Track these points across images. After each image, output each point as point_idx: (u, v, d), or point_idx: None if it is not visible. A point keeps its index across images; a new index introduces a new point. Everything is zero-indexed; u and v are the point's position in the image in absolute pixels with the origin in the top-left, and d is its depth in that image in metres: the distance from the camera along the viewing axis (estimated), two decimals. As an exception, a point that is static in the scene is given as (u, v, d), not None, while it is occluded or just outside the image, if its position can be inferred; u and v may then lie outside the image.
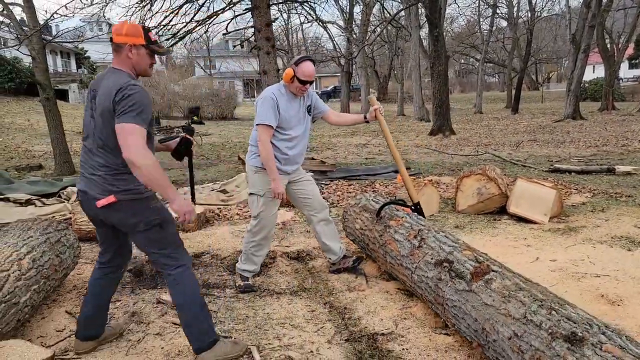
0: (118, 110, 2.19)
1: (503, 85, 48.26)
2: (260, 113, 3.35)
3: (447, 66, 16.55)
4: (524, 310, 2.10)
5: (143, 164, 2.16)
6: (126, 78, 2.29)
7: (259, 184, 3.45)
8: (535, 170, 8.22)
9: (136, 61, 2.37)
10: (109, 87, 2.25)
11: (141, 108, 2.21)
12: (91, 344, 2.61)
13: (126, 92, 2.20)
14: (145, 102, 2.24)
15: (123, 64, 2.37)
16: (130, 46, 2.33)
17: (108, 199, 2.29)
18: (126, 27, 2.36)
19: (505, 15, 32.49)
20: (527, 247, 4.20)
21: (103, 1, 8.96)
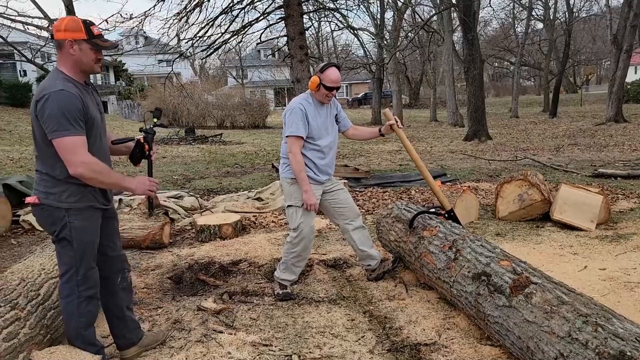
0: (44, 125, 2.14)
1: (539, 89, 47.15)
2: (290, 124, 3.34)
3: (482, 70, 16.27)
4: (568, 328, 2.00)
5: (89, 177, 2.18)
6: (51, 81, 2.19)
7: (296, 195, 3.42)
8: (577, 175, 7.95)
9: (78, 57, 2.23)
10: (36, 93, 2.19)
11: (66, 114, 2.12)
12: (134, 350, 2.64)
13: (43, 105, 2.13)
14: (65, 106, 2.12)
15: (64, 62, 2.24)
16: (70, 42, 2.19)
17: (32, 198, 2.26)
18: (65, 22, 2.23)
19: (541, 16, 31.77)
20: (574, 256, 4.05)
21: (142, 15, 9.21)
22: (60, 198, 2.23)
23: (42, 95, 2.13)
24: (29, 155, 13.51)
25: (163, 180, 9.23)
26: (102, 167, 2.23)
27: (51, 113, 2.10)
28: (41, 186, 2.25)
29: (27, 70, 26.14)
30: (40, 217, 2.31)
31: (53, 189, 2.23)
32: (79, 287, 2.31)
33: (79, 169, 2.14)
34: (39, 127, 2.17)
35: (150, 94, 29.53)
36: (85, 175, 2.17)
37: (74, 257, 2.29)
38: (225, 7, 10.05)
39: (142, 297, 3.47)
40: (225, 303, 3.33)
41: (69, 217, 2.25)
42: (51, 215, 2.26)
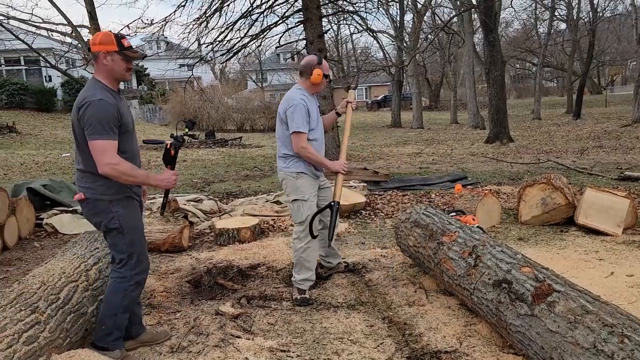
0: (85, 128, 2.40)
1: (562, 90, 46.34)
2: (297, 120, 3.39)
3: (503, 72, 16.05)
4: (593, 339, 1.93)
5: (116, 175, 2.43)
6: (91, 90, 2.45)
7: (301, 189, 3.49)
8: (603, 178, 7.76)
9: (111, 67, 2.50)
10: (78, 99, 2.45)
11: (99, 122, 2.38)
12: (131, 343, 2.76)
13: (85, 110, 2.39)
14: (101, 115, 2.38)
15: (100, 71, 2.52)
16: (104, 53, 2.47)
17: (79, 195, 2.52)
18: (100, 37, 2.51)
19: (564, 17, 31.23)
20: (600, 261, 3.93)
21: (162, 20, 9.33)
22: (102, 191, 2.50)
23: (84, 102, 2.40)
24: (53, 159, 13.79)
25: (183, 184, 9.31)
26: (127, 166, 2.46)
27: (90, 118, 2.37)
28: (83, 182, 2.52)
29: (52, 76, 26.71)
30: (87, 210, 2.57)
31: (94, 184, 2.50)
32: (132, 271, 2.59)
33: (105, 169, 2.40)
34: (80, 129, 2.44)
35: (171, 98, 29.89)
36: (111, 174, 2.42)
37: (125, 244, 2.56)
38: (244, 12, 10.12)
39: (161, 300, 3.48)
40: (243, 307, 3.32)
41: (113, 207, 2.52)
42: (96, 207, 2.52)
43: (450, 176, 8.67)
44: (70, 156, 14.03)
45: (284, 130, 3.51)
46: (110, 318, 2.54)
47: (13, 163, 12.62)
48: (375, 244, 4.84)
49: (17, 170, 11.40)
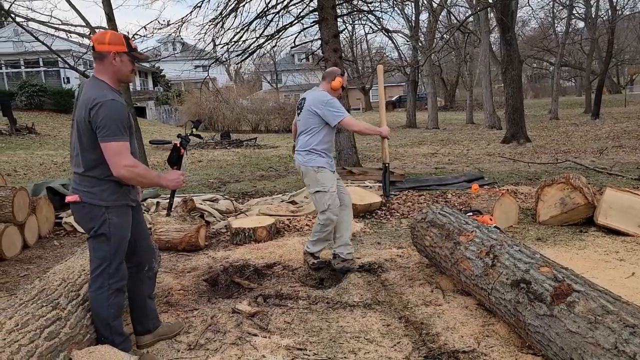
0: (98, 130, 2.32)
1: (580, 90, 45.71)
2: (341, 107, 3.87)
3: (520, 71, 15.87)
4: (614, 339, 1.90)
5: (131, 177, 2.39)
6: (99, 91, 2.38)
7: (322, 181, 3.86)
8: (623, 178, 7.63)
9: (118, 68, 2.47)
10: (85, 99, 2.37)
11: (114, 123, 2.33)
12: (149, 337, 2.80)
13: (98, 111, 2.31)
14: (116, 116, 2.34)
15: (105, 72, 2.47)
16: (114, 54, 2.43)
17: (74, 197, 2.43)
18: (109, 36, 2.47)
19: (583, 15, 30.77)
20: (620, 262, 3.86)
21: (179, 21, 9.41)
22: (101, 196, 2.42)
23: (95, 103, 2.31)
24: (72, 160, 13.98)
25: (199, 184, 9.38)
26: (142, 168, 2.43)
27: (104, 119, 2.30)
28: (81, 186, 2.42)
29: (71, 77, 27.15)
30: (80, 214, 2.48)
31: (94, 189, 2.41)
32: (110, 280, 2.48)
33: (122, 171, 2.34)
34: (87, 130, 2.35)
35: (187, 99, 30.17)
36: (127, 176, 2.36)
37: (109, 252, 2.46)
38: (260, 12, 10.16)
39: (179, 298, 3.51)
40: (259, 306, 3.33)
41: (108, 214, 2.44)
42: (90, 213, 2.43)
43: (467, 176, 8.60)
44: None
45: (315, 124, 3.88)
46: (105, 328, 2.50)
47: (32, 163, 12.85)
48: (391, 243, 4.82)
49: (37, 170, 11.60)
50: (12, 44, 18.69)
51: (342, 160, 9.62)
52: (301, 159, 3.92)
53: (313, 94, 3.99)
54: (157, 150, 17.03)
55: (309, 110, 3.87)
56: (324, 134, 3.89)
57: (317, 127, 3.87)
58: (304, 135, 3.91)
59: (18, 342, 1.99)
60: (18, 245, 4.92)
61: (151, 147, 16.92)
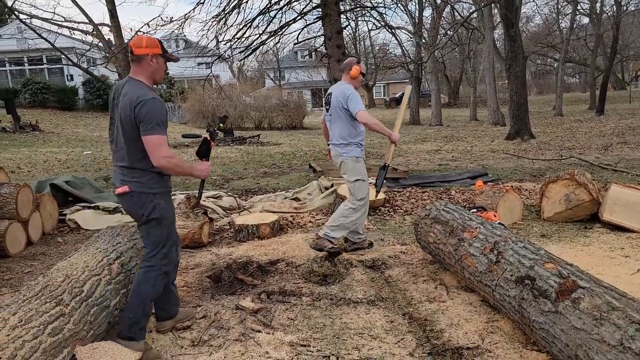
0: (141, 125, 2.55)
1: (585, 86, 45.50)
2: (359, 101, 4.07)
3: (524, 67, 15.79)
4: (619, 336, 1.88)
5: (169, 167, 2.61)
6: (141, 90, 2.60)
7: (361, 171, 4.18)
8: (628, 174, 7.59)
9: (155, 69, 2.71)
10: (128, 99, 2.58)
11: (157, 118, 2.56)
12: (170, 323, 2.98)
13: (142, 107, 2.53)
14: (159, 112, 2.58)
15: (142, 73, 2.69)
16: (151, 56, 2.67)
17: (123, 189, 2.66)
18: (146, 40, 2.70)
19: (587, 11, 30.58)
20: (626, 258, 3.84)
21: (182, 18, 9.40)
22: (149, 185, 2.68)
23: (140, 100, 2.54)
24: (75, 157, 14.02)
25: (202, 181, 9.37)
26: (179, 159, 2.68)
27: (147, 115, 2.53)
28: (129, 177, 2.66)
29: (74, 75, 27.18)
30: (130, 203, 2.70)
31: (142, 179, 2.66)
32: (162, 261, 2.75)
33: (162, 162, 2.56)
34: (132, 127, 2.58)
35: (190, 96, 30.14)
36: (165, 166, 2.60)
37: (161, 235, 2.74)
38: (263, 8, 10.13)
39: (182, 295, 3.51)
40: (263, 302, 3.33)
41: (157, 199, 2.71)
42: (140, 200, 2.68)
43: (471, 173, 8.57)
44: (91, 154, 14.29)
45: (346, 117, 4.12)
46: (139, 307, 2.65)
47: (36, 160, 12.88)
48: (394, 240, 4.81)
49: (41, 168, 11.63)
50: (15, 42, 18.72)
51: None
52: (340, 150, 4.19)
53: (337, 88, 4.22)
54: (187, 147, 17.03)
55: (337, 104, 4.15)
56: (356, 125, 4.15)
57: (348, 119, 4.13)
58: (339, 128, 4.16)
59: (22, 338, 1.99)
60: (22, 241, 4.93)
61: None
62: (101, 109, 27.02)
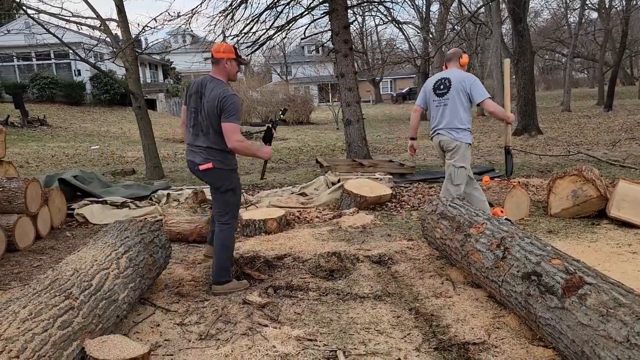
0: (223, 113, 3.23)
1: (593, 81, 45.13)
2: (484, 89, 4.28)
3: (532, 62, 15.68)
4: (626, 332, 1.88)
5: (240, 149, 3.32)
6: (224, 87, 3.31)
7: (469, 158, 4.38)
8: (636, 170, 7.53)
9: (230, 70, 3.41)
10: (214, 94, 3.26)
11: (236, 110, 3.27)
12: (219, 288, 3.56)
13: (227, 101, 3.24)
14: (238, 105, 3.30)
15: (220, 73, 3.40)
16: (227, 60, 3.37)
17: (207, 165, 3.35)
18: (223, 47, 3.40)
19: (596, 5, 30.29)
20: (633, 255, 3.82)
21: (189, 13, 9.40)
22: (227, 162, 3.41)
23: (224, 95, 3.25)
24: (83, 151, 14.10)
25: (209, 176, 9.41)
26: (247, 143, 3.39)
27: (229, 106, 3.23)
28: (212, 156, 3.35)
29: (82, 70, 27.29)
30: (212, 176, 3.42)
31: (221, 157, 3.37)
32: (234, 220, 3.56)
33: (235, 144, 3.26)
34: (216, 117, 3.26)
35: (196, 91, 30.15)
36: (237, 148, 3.29)
37: (236, 201, 3.54)
38: (270, 3, 10.12)
39: (190, 289, 3.53)
40: (270, 297, 3.35)
41: (232, 174, 3.48)
42: (221, 174, 3.41)
43: (477, 168, 8.54)
44: (99, 149, 14.38)
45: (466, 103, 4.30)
46: (225, 255, 3.46)
47: (44, 155, 12.97)
48: (401, 235, 4.81)
49: (49, 162, 11.71)
50: (23, 37, 18.80)
51: (353, 152, 9.59)
52: (455, 135, 4.32)
53: (455, 74, 4.36)
54: (168, 143, 17.11)
55: (461, 88, 4.27)
56: (469, 111, 4.34)
57: (466, 105, 4.31)
58: (456, 112, 4.29)
59: (32, 330, 2.02)
60: (31, 236, 4.98)
61: (161, 140, 17.02)
62: (108, 103, 27.14)
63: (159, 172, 9.36)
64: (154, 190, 6.89)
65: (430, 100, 4.54)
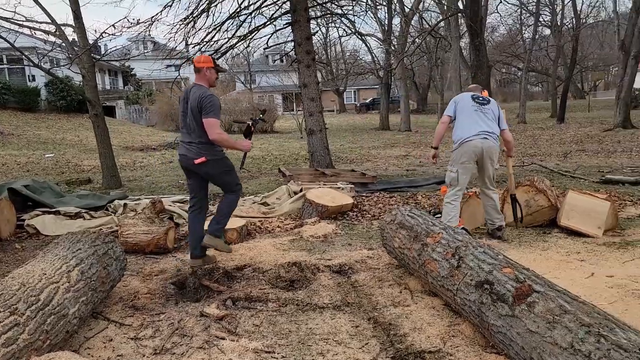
0: (203, 111, 3.79)
1: (547, 94, 46.97)
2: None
3: (489, 76, 16.20)
4: (570, 339, 1.95)
5: (220, 141, 3.87)
6: (204, 90, 3.88)
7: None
8: (585, 181, 7.87)
9: (209, 77, 4.00)
10: (196, 96, 3.84)
11: (214, 107, 3.81)
12: (199, 262, 4.11)
13: (206, 100, 3.79)
14: (216, 104, 3.84)
15: (202, 79, 3.99)
16: (206, 68, 3.97)
17: (201, 159, 3.87)
18: (203, 58, 4.05)
19: (549, 22, 31.65)
20: (581, 262, 3.98)
21: (148, 20, 9.26)
22: (215, 153, 3.95)
23: (204, 95, 3.81)
24: (36, 160, 13.60)
25: (169, 185, 9.25)
26: (226, 135, 3.98)
27: (209, 105, 3.79)
28: (203, 150, 3.88)
29: (36, 75, 26.37)
30: (208, 167, 3.94)
31: (211, 149, 3.90)
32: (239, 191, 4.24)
33: (216, 136, 3.82)
34: (198, 114, 3.81)
35: (158, 98, 29.67)
36: (217, 140, 3.85)
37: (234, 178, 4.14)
38: (232, 13, 10.08)
39: (145, 302, 3.45)
40: (228, 309, 3.30)
41: (222, 160, 4.02)
42: (214, 163, 3.95)
43: (437, 178, 8.73)
44: (53, 157, 13.90)
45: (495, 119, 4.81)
46: (226, 215, 4.16)
47: (-5, 163, 12.42)
48: (362, 245, 4.85)
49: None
50: (-27, 40, 18.07)
51: (315, 161, 9.63)
52: (493, 144, 4.70)
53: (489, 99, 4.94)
54: (127, 152, 16.73)
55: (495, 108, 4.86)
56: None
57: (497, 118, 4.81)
58: (494, 122, 4.75)
59: (-27, 349, 1.92)
60: (-23, 248, 4.74)
61: (120, 148, 16.65)
62: (65, 110, 26.29)
63: (116, 182, 9.12)
64: (110, 200, 6.70)
65: (465, 107, 4.79)
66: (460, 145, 4.71)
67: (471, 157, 4.69)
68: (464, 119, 4.76)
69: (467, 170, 4.73)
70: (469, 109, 4.74)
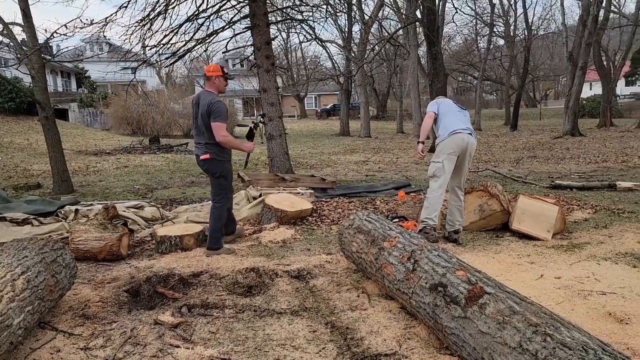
0: (211, 115, 4.33)
1: (501, 103, 48.61)
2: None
3: (445, 84, 16.64)
4: (519, 338, 2.02)
5: (225, 142, 4.45)
6: (213, 96, 4.43)
7: None
8: (536, 186, 8.18)
9: (218, 84, 4.56)
10: (206, 102, 4.38)
11: (221, 113, 4.37)
12: (231, 237, 5.03)
13: (214, 106, 4.34)
14: (223, 109, 4.40)
15: (212, 87, 4.55)
16: (216, 77, 4.54)
17: (205, 156, 4.44)
18: (212, 67, 4.57)
19: (502, 33, 32.82)
20: (531, 265, 4.13)
21: (102, 21, 9.01)
22: (220, 154, 4.49)
23: (212, 102, 4.36)
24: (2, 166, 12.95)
25: (124, 190, 9.01)
26: (231, 138, 4.54)
27: (217, 110, 4.33)
28: (209, 149, 4.44)
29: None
30: (210, 164, 4.48)
31: (216, 150, 4.45)
32: (227, 202, 4.66)
33: (221, 138, 4.38)
34: (207, 117, 4.35)
35: (113, 101, 28.84)
36: (223, 141, 4.40)
37: (227, 185, 4.60)
38: (190, 15, 9.95)
39: (97, 311, 3.33)
40: (183, 316, 3.24)
41: (225, 164, 4.57)
42: (217, 163, 4.50)
43: (395, 184, 8.87)
44: (0, 161, 13.29)
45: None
46: (220, 230, 4.58)
47: (-64, 167, 11.76)
48: (321, 250, 4.87)
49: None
50: None
51: (275, 167, 9.60)
52: (475, 141, 4.96)
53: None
54: (80, 156, 16.19)
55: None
56: None
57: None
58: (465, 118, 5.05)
59: None
60: None
61: (72, 152, 16.12)
62: (14, 112, 25.19)
63: (68, 187, 8.79)
64: (60, 206, 6.45)
65: (449, 109, 5.08)
66: (450, 136, 4.84)
67: (458, 149, 4.84)
68: (450, 116, 4.99)
69: (451, 162, 4.86)
70: (454, 109, 5.07)
